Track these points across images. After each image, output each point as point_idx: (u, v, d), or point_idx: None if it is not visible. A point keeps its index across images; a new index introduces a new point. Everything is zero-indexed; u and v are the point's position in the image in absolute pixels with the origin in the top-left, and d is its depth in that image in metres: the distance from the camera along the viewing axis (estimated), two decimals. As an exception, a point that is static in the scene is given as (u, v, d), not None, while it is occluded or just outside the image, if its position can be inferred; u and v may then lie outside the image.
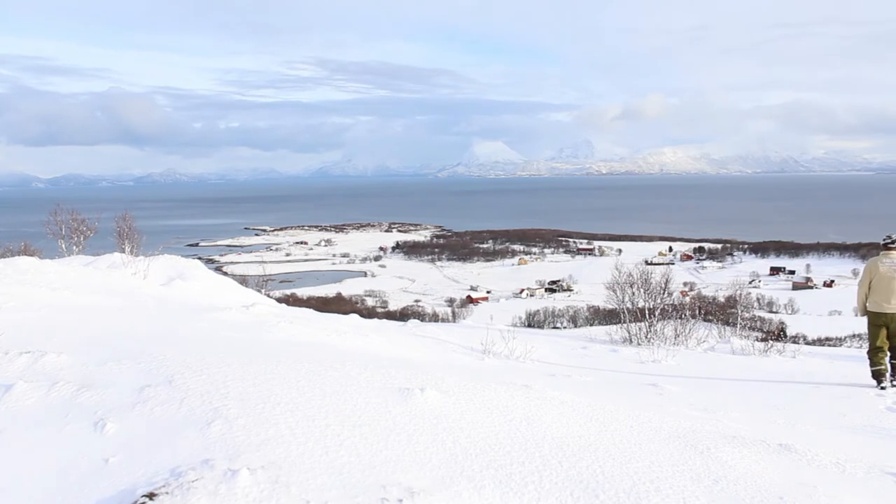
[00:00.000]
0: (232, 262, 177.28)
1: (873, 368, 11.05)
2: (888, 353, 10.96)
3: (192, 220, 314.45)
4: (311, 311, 17.51)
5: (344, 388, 5.74)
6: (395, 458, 4.28)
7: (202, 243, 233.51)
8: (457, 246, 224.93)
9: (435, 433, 4.80)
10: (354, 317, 17.52)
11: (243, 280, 24.98)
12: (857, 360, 15.07)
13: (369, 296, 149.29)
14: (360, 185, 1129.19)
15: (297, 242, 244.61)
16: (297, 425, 4.64)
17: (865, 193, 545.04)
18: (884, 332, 10.95)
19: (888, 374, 10.87)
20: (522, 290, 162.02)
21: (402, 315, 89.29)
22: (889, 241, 11.10)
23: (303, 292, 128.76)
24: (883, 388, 10.69)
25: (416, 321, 20.06)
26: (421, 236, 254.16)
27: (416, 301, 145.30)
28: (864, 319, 11.60)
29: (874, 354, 11.04)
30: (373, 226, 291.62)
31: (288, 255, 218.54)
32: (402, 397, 5.58)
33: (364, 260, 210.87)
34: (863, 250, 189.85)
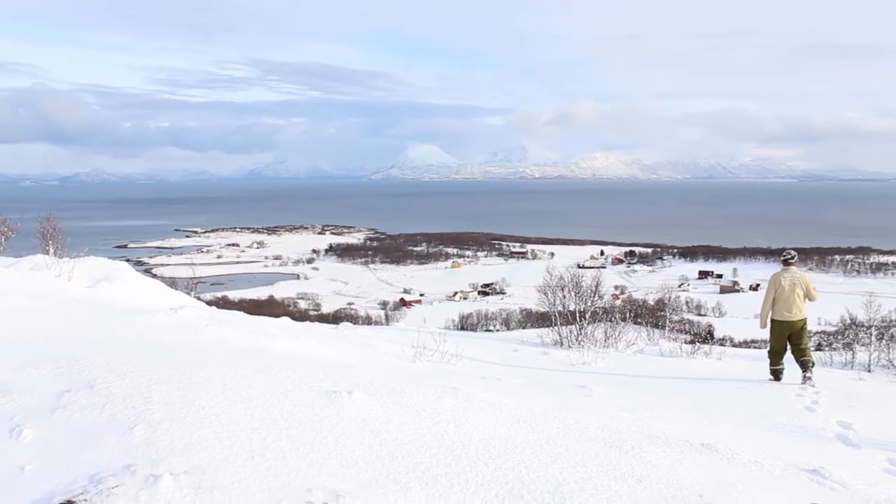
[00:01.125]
0: (162, 265, 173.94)
1: (773, 367, 12.54)
2: (797, 350, 12.31)
3: (120, 221, 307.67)
4: (242, 314, 17.26)
5: (271, 391, 5.68)
6: (320, 461, 4.26)
7: (131, 245, 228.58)
8: (390, 249, 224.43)
9: (362, 436, 4.78)
10: (286, 320, 17.33)
11: (173, 282, 24.53)
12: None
13: (302, 298, 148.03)
14: (293, 186, 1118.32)
15: (229, 244, 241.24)
16: (223, 429, 4.58)
17: (789, 200, 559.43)
18: (785, 337, 12.37)
19: (801, 376, 12.08)
20: (456, 293, 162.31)
21: (335, 318, 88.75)
22: (789, 257, 12.67)
23: (234, 295, 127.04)
24: (779, 380, 12.33)
25: (349, 324, 19.94)
26: (354, 239, 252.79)
27: (350, 304, 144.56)
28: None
29: (774, 356, 12.55)
30: (306, 228, 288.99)
31: (219, 257, 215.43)
32: (330, 400, 5.55)
33: (297, 262, 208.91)
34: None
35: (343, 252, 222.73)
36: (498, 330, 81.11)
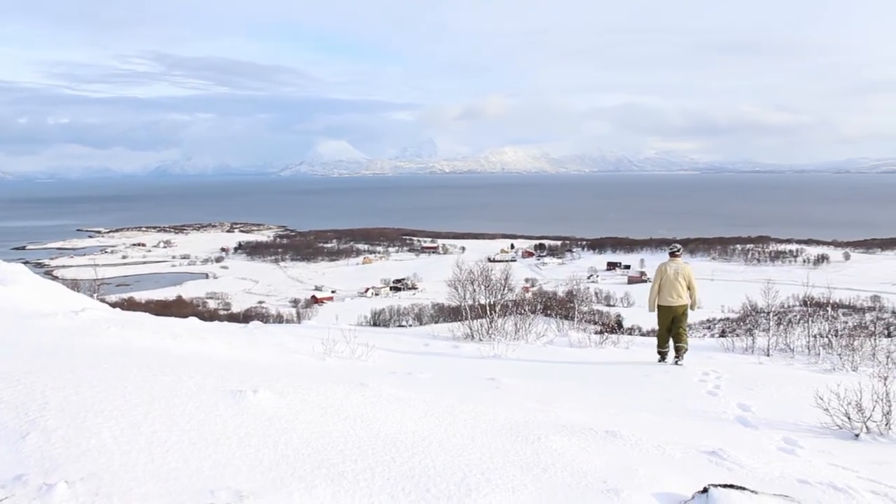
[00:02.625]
0: (63, 266, 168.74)
1: (659, 349, 13.76)
2: (670, 338, 13.60)
3: (17, 222, 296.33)
4: (148, 315, 16.86)
5: (174, 393, 5.56)
6: (224, 462, 4.18)
7: (30, 246, 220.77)
8: (301, 246, 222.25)
9: (267, 435, 4.72)
10: (193, 320, 16.98)
11: (75, 284, 23.81)
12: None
13: (211, 298, 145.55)
14: (200, 184, 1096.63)
15: (135, 244, 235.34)
16: (122, 434, 4.46)
17: (692, 191, 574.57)
18: (669, 320, 13.59)
19: (671, 358, 13.47)
20: (368, 290, 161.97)
21: (246, 317, 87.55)
22: (675, 249, 14.14)
23: (141, 296, 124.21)
24: (664, 361, 13.49)
25: (259, 323, 19.65)
26: (264, 236, 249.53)
27: (260, 302, 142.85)
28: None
29: (661, 339, 13.85)
30: (214, 226, 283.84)
31: (124, 257, 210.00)
32: (235, 400, 5.46)
33: (205, 261, 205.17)
34: (691, 245, 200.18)
35: (253, 250, 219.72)
36: (410, 325, 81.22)
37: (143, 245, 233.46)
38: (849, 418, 8.04)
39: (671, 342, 13.64)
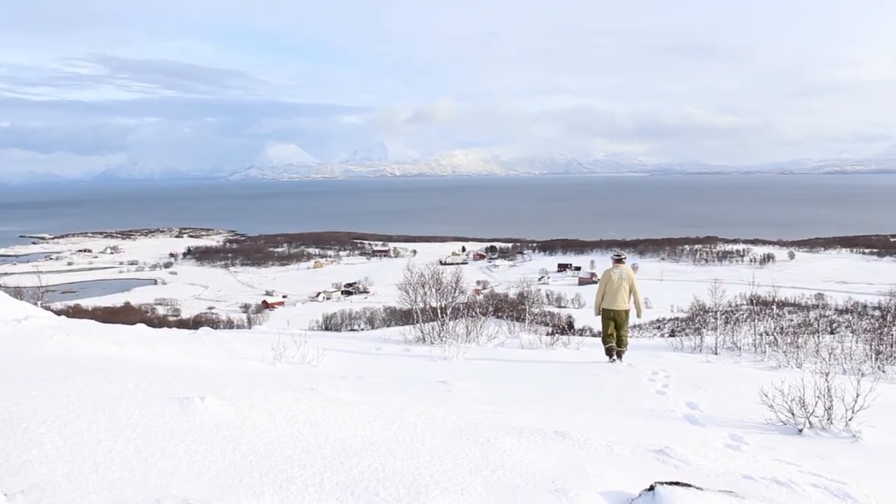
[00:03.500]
0: (6, 274, 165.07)
1: (606, 347, 14.21)
2: (615, 338, 14.14)
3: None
4: (94, 322, 16.60)
5: (119, 401, 5.48)
6: (170, 470, 4.13)
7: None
8: (251, 250, 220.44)
9: (214, 441, 4.67)
10: (141, 327, 16.73)
11: (17, 292, 23.34)
12: (635, 350, 16.10)
13: (160, 304, 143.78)
14: (147, 188, 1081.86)
15: (81, 250, 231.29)
16: (65, 444, 4.38)
17: (641, 193, 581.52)
18: (613, 323, 14.16)
19: (615, 353, 14.01)
20: (319, 294, 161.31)
21: (196, 323, 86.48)
22: (619, 256, 14.91)
23: (88, 303, 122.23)
24: (613, 360, 13.85)
25: (209, 328, 19.41)
26: (213, 241, 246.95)
27: (210, 308, 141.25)
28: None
29: (606, 340, 14.26)
30: (162, 231, 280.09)
31: (70, 264, 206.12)
32: (182, 407, 5.39)
33: (154, 267, 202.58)
34: (640, 246, 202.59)
35: (202, 255, 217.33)
36: (363, 329, 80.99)
37: (90, 251, 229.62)
38: (792, 414, 8.19)
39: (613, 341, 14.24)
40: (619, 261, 14.72)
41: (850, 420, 8.05)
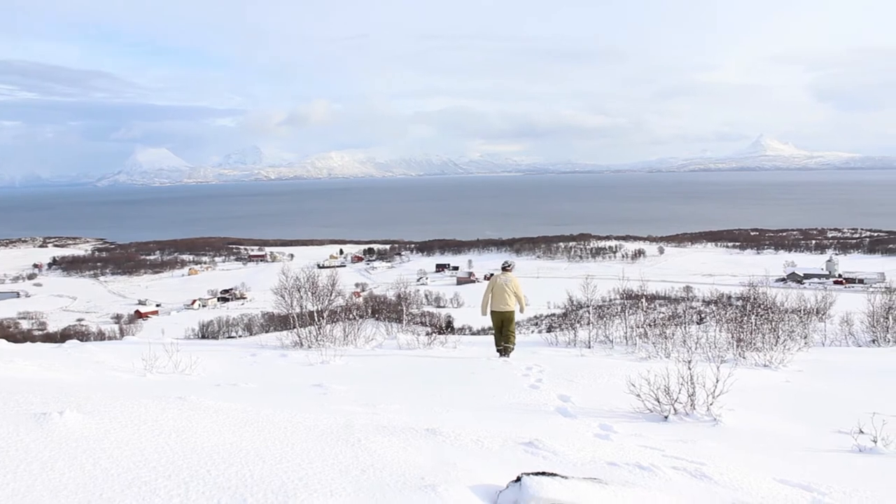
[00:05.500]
0: None
1: (497, 347, 15.63)
2: (503, 337, 15.56)
3: None
4: (-53, 339, 15.73)
5: (-30, 420, 5.21)
6: (24, 490, 3.96)
7: None
8: (121, 259, 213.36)
9: (73, 457, 4.50)
10: (0, 342, 16.00)
11: None
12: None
13: (24, 318, 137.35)
14: (6, 196, 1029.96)
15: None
16: None
17: (516, 192, 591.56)
18: (500, 323, 15.64)
19: (505, 351, 15.28)
20: (194, 301, 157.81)
21: (63, 336, 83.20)
22: (507, 265, 16.30)
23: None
24: (504, 358, 14.61)
25: (76, 341, 18.69)
26: (81, 250, 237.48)
27: (79, 320, 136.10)
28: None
29: (496, 339, 15.81)
30: (24, 241, 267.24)
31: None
32: (38, 423, 5.17)
33: (16, 279, 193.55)
34: (516, 244, 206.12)
35: (69, 265, 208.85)
36: (241, 336, 79.63)
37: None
38: (658, 402, 8.51)
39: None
40: (506, 269, 16.17)
41: (711, 405, 8.42)
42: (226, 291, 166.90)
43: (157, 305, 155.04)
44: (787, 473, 5.63)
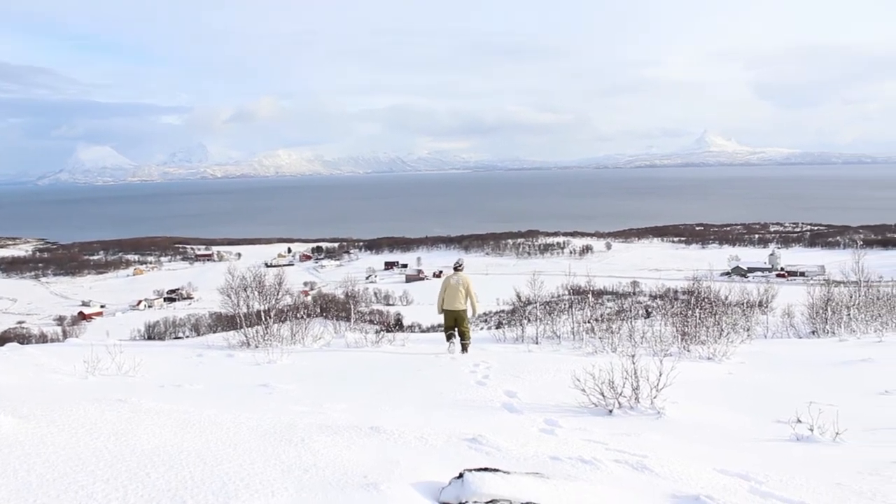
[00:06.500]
0: None
1: (446, 334, 16.10)
2: (455, 334, 15.83)
3: None
4: None
5: None
6: (-50, 501, 3.88)
7: None
8: (64, 259, 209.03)
9: (6, 463, 4.41)
10: (-72, 348, 15.58)
11: None
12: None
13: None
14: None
15: None
16: None
17: (465, 189, 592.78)
18: (453, 321, 15.97)
19: (457, 346, 15.55)
20: (140, 302, 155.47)
21: (2, 340, 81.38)
22: (458, 265, 16.71)
23: None
24: (452, 351, 15.35)
25: (16, 344, 18.29)
26: (21, 251, 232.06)
27: (20, 323, 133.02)
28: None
29: (447, 335, 16.10)
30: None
31: None
32: (-31, 429, 5.06)
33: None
34: (465, 242, 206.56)
35: (8, 266, 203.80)
36: (188, 336, 78.63)
37: None
38: (603, 396, 8.60)
39: (457, 338, 15.78)
40: (457, 269, 16.60)
41: (655, 398, 8.54)
42: (172, 291, 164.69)
43: (102, 306, 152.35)
44: (728, 463, 5.75)
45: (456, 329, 15.94)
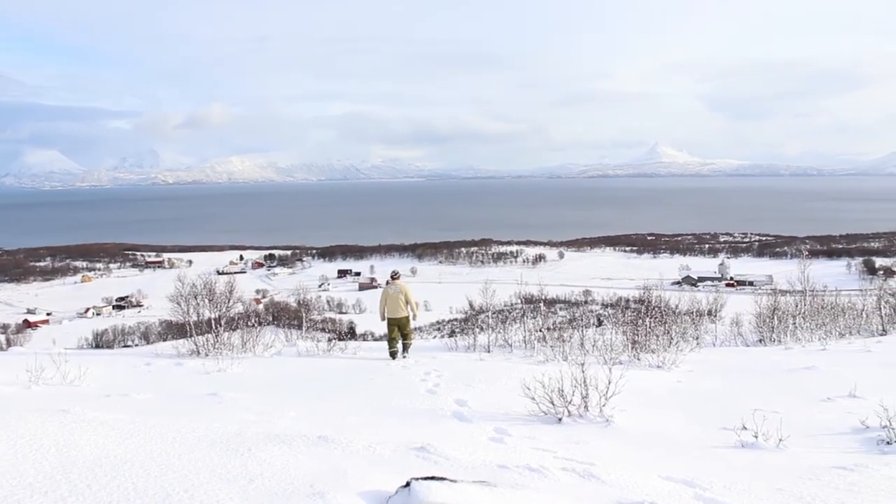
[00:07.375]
0: None
1: (390, 350, 16.24)
2: (400, 341, 16.30)
3: None
4: None
5: None
6: None
7: None
8: (9, 265, 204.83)
9: (-61, 477, 4.32)
10: None
11: None
12: (413, 352, 16.42)
13: None
14: None
15: None
16: None
17: (418, 198, 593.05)
18: (396, 329, 16.36)
19: (400, 353, 16.11)
20: (88, 310, 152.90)
21: (-57, 349, 79.36)
22: (394, 274, 17.22)
23: None
24: (395, 360, 15.59)
25: (-46, 355, 17.89)
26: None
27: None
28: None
29: (390, 343, 16.39)
30: None
31: None
32: None
33: None
34: (419, 250, 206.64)
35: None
36: (137, 345, 77.53)
37: None
38: (553, 404, 8.65)
39: (400, 343, 16.27)
40: (394, 278, 17.07)
41: (604, 406, 8.61)
42: (121, 299, 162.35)
43: (48, 314, 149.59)
44: (673, 470, 5.82)
45: (400, 335, 16.36)
